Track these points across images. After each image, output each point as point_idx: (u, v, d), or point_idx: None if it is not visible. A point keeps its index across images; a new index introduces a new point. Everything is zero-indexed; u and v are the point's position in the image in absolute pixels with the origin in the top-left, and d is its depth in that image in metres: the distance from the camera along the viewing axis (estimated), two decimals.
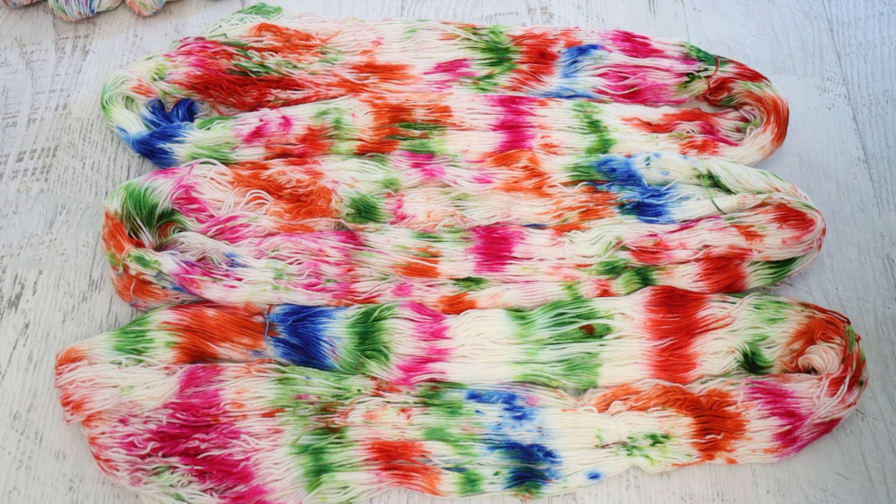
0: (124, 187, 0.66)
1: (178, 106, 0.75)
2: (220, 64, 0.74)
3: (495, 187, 0.69)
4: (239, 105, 0.75)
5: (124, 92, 0.73)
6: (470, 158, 0.71)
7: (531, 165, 0.70)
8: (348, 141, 0.72)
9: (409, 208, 0.69)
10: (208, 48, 0.75)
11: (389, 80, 0.76)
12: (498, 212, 0.69)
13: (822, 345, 0.63)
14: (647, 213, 0.69)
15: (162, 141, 0.71)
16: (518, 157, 0.71)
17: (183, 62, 0.74)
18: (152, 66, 0.74)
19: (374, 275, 0.66)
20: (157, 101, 0.75)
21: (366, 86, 0.76)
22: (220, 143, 0.71)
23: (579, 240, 0.68)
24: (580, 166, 0.71)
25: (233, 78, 0.74)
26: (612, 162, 0.71)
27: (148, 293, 0.64)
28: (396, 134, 0.72)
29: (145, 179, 0.66)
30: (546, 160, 0.71)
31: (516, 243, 0.67)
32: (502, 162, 0.71)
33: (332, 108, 0.72)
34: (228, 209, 0.68)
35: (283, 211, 0.68)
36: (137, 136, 0.71)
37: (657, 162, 0.71)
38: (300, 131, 0.71)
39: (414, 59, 0.77)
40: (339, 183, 0.68)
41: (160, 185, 0.66)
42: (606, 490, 0.61)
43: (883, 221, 0.73)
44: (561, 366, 0.63)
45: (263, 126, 0.71)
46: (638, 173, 0.70)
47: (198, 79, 0.74)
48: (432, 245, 0.67)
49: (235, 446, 0.59)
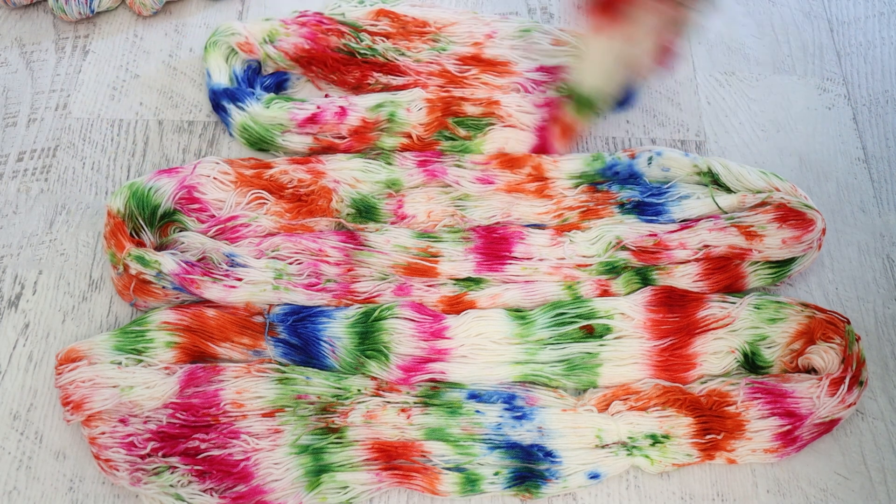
0: (128, 186, 0.66)
1: (272, 76, 0.77)
2: (330, 41, 0.76)
3: (497, 188, 0.69)
4: (340, 83, 0.77)
5: (230, 42, 0.75)
6: (476, 160, 0.71)
7: (535, 173, 0.70)
8: (396, 136, 0.72)
9: (409, 208, 0.69)
10: (324, 23, 0.77)
11: (489, 73, 0.77)
12: (498, 212, 0.69)
13: (822, 345, 0.63)
14: (647, 212, 0.69)
15: (227, 100, 0.73)
16: (524, 162, 0.71)
17: (295, 32, 0.76)
18: (266, 28, 0.76)
19: (374, 275, 0.66)
20: (255, 63, 0.77)
21: (465, 78, 0.76)
22: (274, 124, 0.72)
23: (579, 240, 0.68)
24: (585, 174, 0.71)
25: (338, 56, 0.76)
26: (616, 166, 0.71)
27: (148, 293, 0.64)
28: (445, 128, 0.73)
29: (149, 179, 0.66)
30: (552, 168, 0.71)
31: (516, 243, 0.67)
32: (507, 165, 0.71)
33: (389, 101, 0.73)
34: (230, 209, 0.68)
35: (284, 211, 0.68)
36: (215, 86, 0.74)
37: (658, 160, 0.71)
38: (354, 122, 0.72)
39: (521, 57, 0.78)
40: (341, 183, 0.68)
41: (164, 184, 0.66)
42: (606, 490, 0.61)
43: (883, 221, 0.73)
44: (561, 366, 0.63)
45: (319, 113, 0.72)
46: (640, 172, 0.71)
47: (304, 52, 0.76)
48: (432, 245, 0.67)
49: (235, 446, 0.59)
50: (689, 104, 0.79)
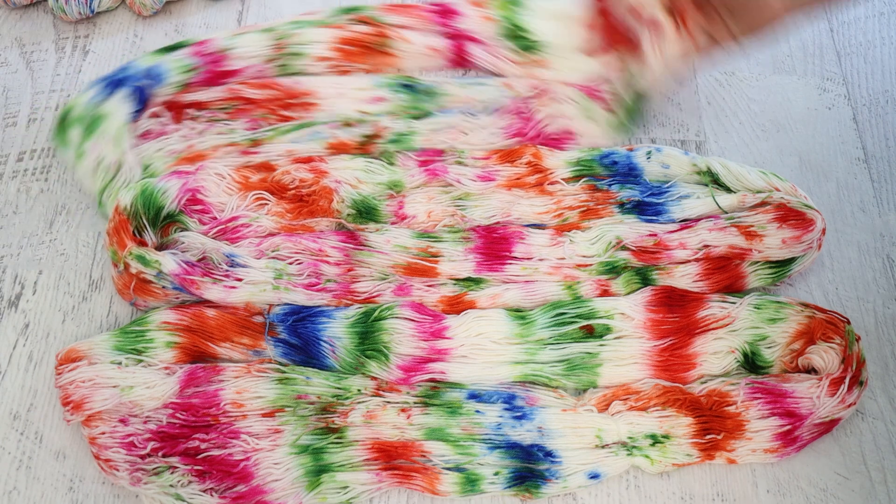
0: (139, 185, 0.65)
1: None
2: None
3: (498, 184, 0.69)
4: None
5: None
6: (476, 155, 0.71)
7: (534, 161, 0.70)
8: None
9: (409, 209, 0.69)
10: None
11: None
12: (498, 211, 0.69)
13: (822, 345, 0.63)
14: (647, 211, 0.69)
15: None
16: (522, 152, 0.71)
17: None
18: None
19: (375, 275, 0.66)
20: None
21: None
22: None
23: (579, 239, 0.68)
24: (583, 160, 0.71)
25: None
26: (613, 155, 0.71)
27: (148, 292, 0.64)
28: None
29: (160, 179, 0.66)
30: (549, 155, 0.71)
31: (516, 243, 0.67)
32: (506, 158, 0.71)
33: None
34: (231, 210, 0.68)
35: (285, 211, 0.68)
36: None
37: (658, 156, 0.71)
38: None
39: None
40: (342, 183, 0.68)
41: (172, 185, 0.66)
42: (606, 490, 0.61)
43: (883, 221, 0.73)
44: (561, 366, 0.63)
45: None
46: (639, 167, 0.71)
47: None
48: (432, 245, 0.67)
49: (235, 446, 0.59)
50: (689, 104, 0.79)
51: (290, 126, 0.72)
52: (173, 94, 0.73)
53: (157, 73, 0.72)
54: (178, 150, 0.71)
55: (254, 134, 0.72)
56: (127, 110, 0.70)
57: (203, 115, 0.73)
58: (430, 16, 0.79)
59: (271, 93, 0.74)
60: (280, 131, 0.72)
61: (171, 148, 0.71)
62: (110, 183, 0.69)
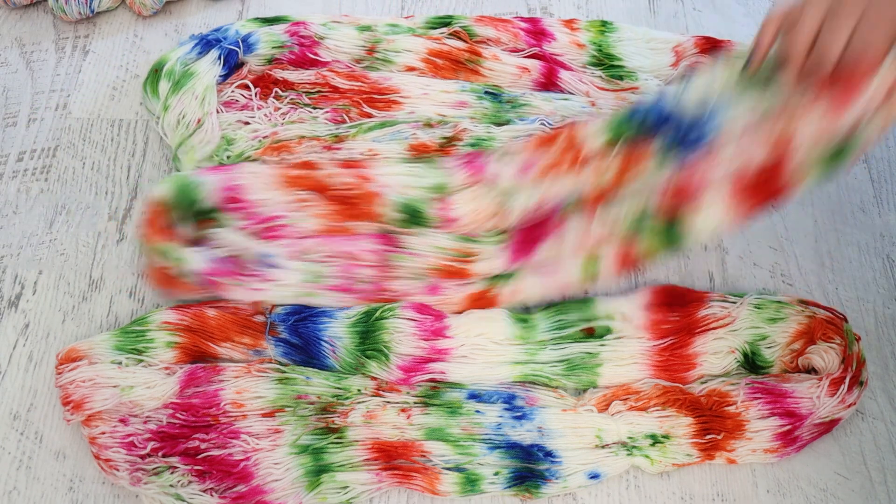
0: (177, 178, 0.65)
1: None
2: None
3: (537, 173, 0.65)
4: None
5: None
6: (513, 149, 0.68)
7: (570, 139, 0.65)
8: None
9: (456, 210, 0.67)
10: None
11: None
12: (536, 197, 0.65)
13: (822, 345, 0.63)
14: (688, 144, 0.61)
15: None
16: (557, 135, 0.66)
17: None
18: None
19: (407, 276, 0.65)
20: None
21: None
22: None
23: (607, 214, 0.64)
24: (612, 124, 0.64)
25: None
26: (640, 107, 0.63)
27: (177, 285, 0.63)
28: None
29: (196, 174, 0.66)
30: (581, 128, 0.65)
31: (549, 227, 0.65)
32: (543, 144, 0.67)
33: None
34: (271, 209, 0.67)
35: (327, 213, 0.67)
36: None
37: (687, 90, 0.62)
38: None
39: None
40: (388, 187, 0.67)
41: (208, 180, 0.65)
42: (606, 490, 0.61)
43: (883, 221, 0.73)
44: (561, 366, 0.63)
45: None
46: (667, 108, 0.62)
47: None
48: (470, 246, 0.66)
49: (235, 446, 0.59)
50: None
51: (373, 123, 0.72)
52: (261, 67, 0.74)
53: (250, 42, 0.74)
54: (262, 133, 0.71)
55: (337, 129, 0.72)
56: (215, 73, 0.72)
57: (288, 96, 0.74)
58: (522, 34, 0.79)
59: (359, 85, 0.74)
60: (363, 129, 0.71)
61: (256, 131, 0.71)
62: (188, 139, 0.70)
